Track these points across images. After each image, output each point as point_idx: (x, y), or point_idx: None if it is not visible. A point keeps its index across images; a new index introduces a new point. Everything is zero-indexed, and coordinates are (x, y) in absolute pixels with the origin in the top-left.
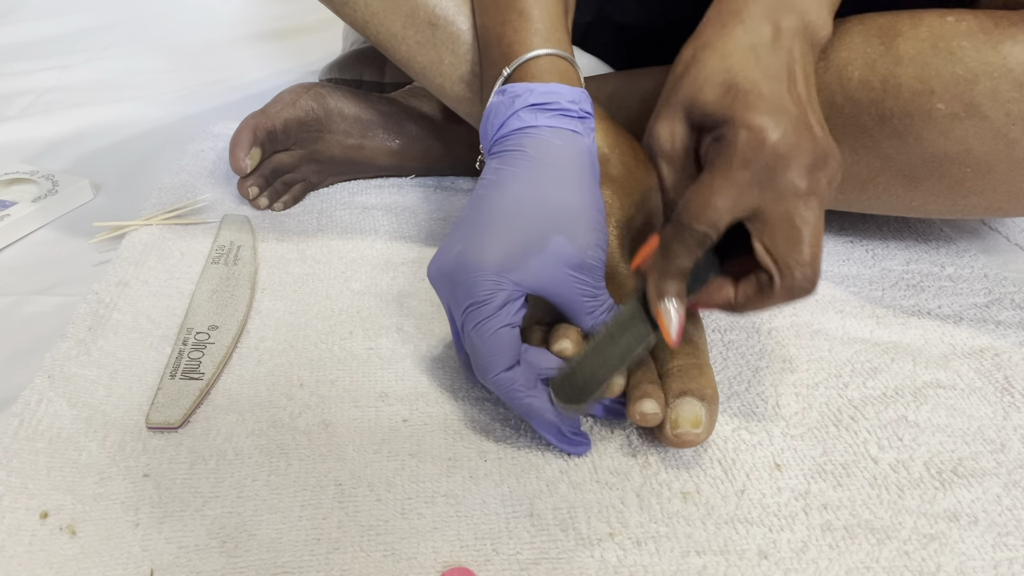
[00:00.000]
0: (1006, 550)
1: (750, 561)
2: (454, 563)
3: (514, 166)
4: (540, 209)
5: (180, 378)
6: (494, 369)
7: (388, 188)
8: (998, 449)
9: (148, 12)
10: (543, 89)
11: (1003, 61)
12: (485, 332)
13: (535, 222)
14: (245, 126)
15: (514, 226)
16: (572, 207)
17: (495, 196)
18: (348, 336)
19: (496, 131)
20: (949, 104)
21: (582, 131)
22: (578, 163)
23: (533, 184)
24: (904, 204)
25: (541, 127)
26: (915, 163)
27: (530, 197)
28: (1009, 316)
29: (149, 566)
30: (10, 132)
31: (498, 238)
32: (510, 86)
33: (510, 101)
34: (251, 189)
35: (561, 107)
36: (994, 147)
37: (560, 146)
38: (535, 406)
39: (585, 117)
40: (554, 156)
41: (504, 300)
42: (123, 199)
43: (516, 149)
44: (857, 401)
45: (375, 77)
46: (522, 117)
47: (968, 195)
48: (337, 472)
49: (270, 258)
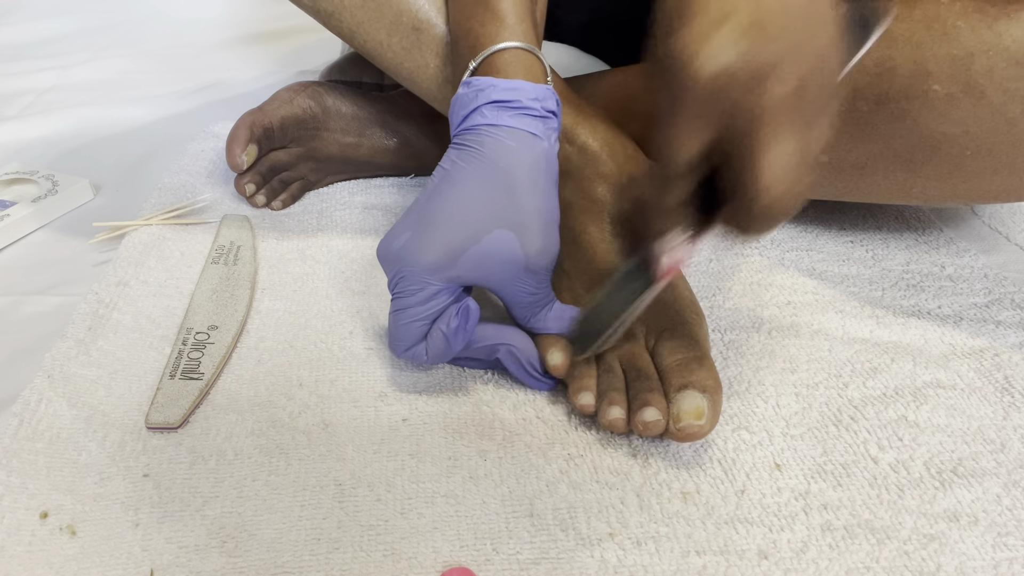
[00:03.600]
0: (1006, 550)
1: (750, 561)
2: (454, 563)
3: (469, 164)
4: (486, 211)
5: (180, 378)
6: (396, 350)
7: (388, 188)
8: (998, 449)
9: (148, 12)
10: (506, 85)
11: (999, 39)
12: (399, 320)
13: (478, 222)
14: (242, 123)
15: (457, 225)
16: (519, 211)
17: (446, 191)
18: (348, 336)
19: (460, 123)
20: (945, 85)
21: (541, 133)
22: (531, 168)
23: (485, 185)
24: (904, 191)
25: (500, 127)
26: (914, 147)
27: (481, 197)
28: (1009, 316)
29: (149, 566)
30: (10, 132)
31: (438, 237)
32: (475, 79)
33: (474, 95)
34: (248, 186)
35: (522, 105)
36: (993, 127)
37: (515, 149)
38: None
39: (547, 116)
40: (508, 159)
41: (427, 296)
42: (123, 199)
43: (473, 146)
44: (857, 401)
45: (375, 79)
46: (484, 114)
47: (969, 179)
48: (337, 472)
49: (270, 258)
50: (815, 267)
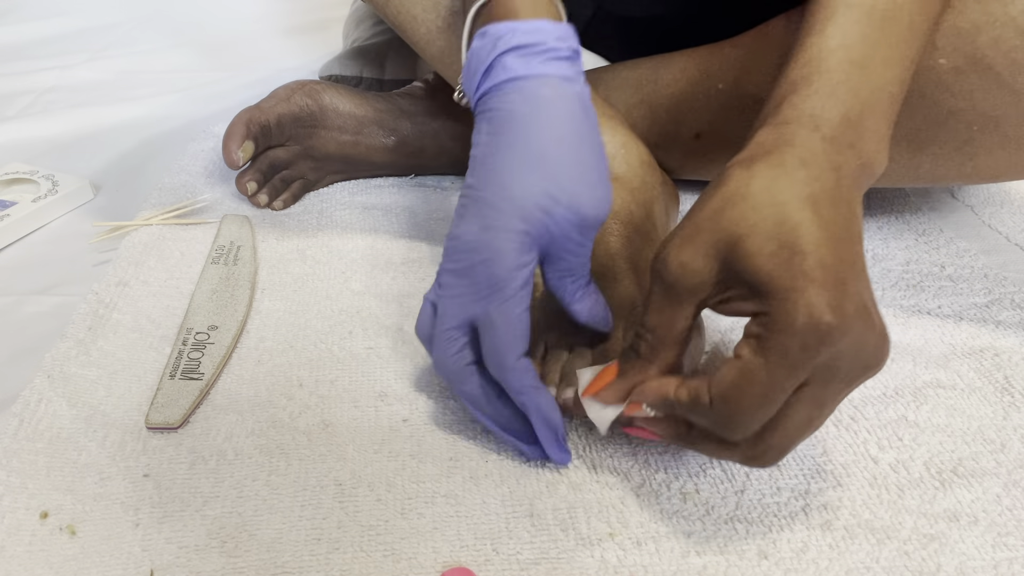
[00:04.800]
0: (1006, 550)
1: (750, 561)
2: (454, 563)
3: (506, 131)
4: (543, 175)
5: (180, 378)
6: (515, 354)
7: (388, 188)
8: (998, 449)
9: (148, 12)
10: (526, 27)
11: (1005, 11)
12: (510, 314)
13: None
14: (238, 120)
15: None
16: (574, 165)
17: (497, 166)
18: (348, 336)
19: (480, 80)
20: (951, 58)
21: (572, 74)
22: (571, 116)
23: (531, 148)
24: (911, 171)
25: (528, 78)
26: (920, 124)
27: (531, 164)
28: (1009, 316)
29: (149, 566)
30: (10, 132)
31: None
32: (491, 26)
33: (492, 44)
34: (249, 184)
35: (548, 47)
36: (1000, 99)
37: (551, 99)
38: (543, 402)
39: (573, 57)
40: (548, 111)
41: (523, 281)
42: (123, 199)
43: (504, 109)
44: (857, 401)
45: (375, 74)
46: (507, 65)
47: (976, 155)
48: (337, 472)
49: (270, 258)
50: None
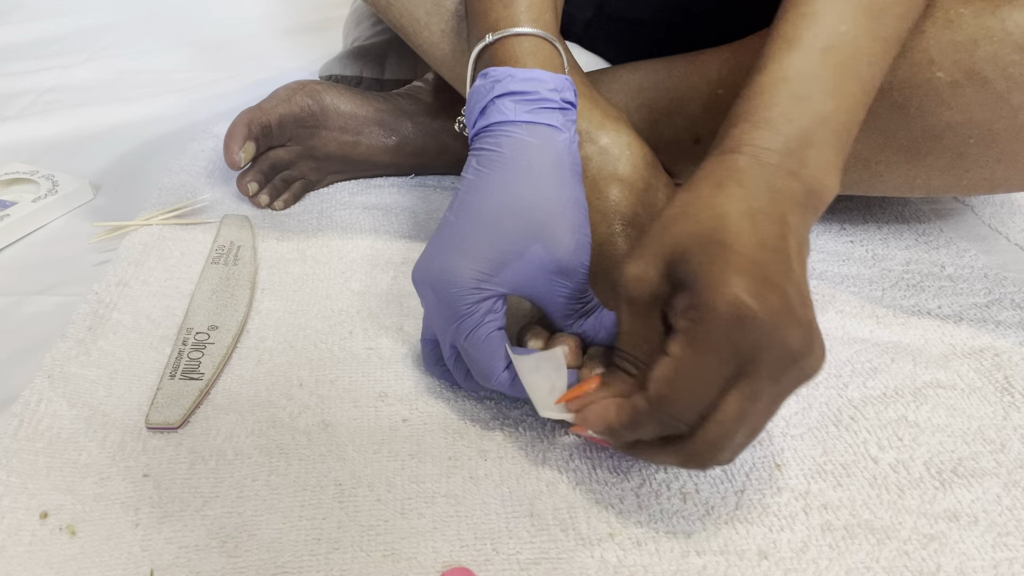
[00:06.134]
0: (1006, 550)
1: (750, 561)
2: (454, 563)
3: (491, 169)
4: (518, 214)
5: (180, 378)
6: (495, 371)
7: (388, 188)
8: (998, 449)
9: (147, 12)
10: (524, 75)
11: (1002, 25)
12: (477, 340)
13: (513, 228)
14: (239, 120)
15: (493, 233)
16: (550, 210)
17: (475, 202)
18: (348, 336)
19: (477, 117)
20: (949, 72)
21: (561, 125)
22: (555, 163)
23: (510, 189)
24: (907, 182)
25: (518, 124)
26: (917, 136)
27: (508, 203)
28: (1009, 316)
29: (149, 566)
30: (10, 132)
31: (477, 248)
32: (492, 70)
33: (490, 86)
34: (251, 185)
35: (541, 97)
36: (997, 113)
37: (537, 145)
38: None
39: (566, 108)
40: (531, 157)
41: (487, 309)
42: (123, 199)
43: (493, 149)
44: (857, 401)
45: (375, 74)
46: (500, 108)
47: (972, 168)
48: (337, 472)
49: (270, 258)
50: (815, 267)
